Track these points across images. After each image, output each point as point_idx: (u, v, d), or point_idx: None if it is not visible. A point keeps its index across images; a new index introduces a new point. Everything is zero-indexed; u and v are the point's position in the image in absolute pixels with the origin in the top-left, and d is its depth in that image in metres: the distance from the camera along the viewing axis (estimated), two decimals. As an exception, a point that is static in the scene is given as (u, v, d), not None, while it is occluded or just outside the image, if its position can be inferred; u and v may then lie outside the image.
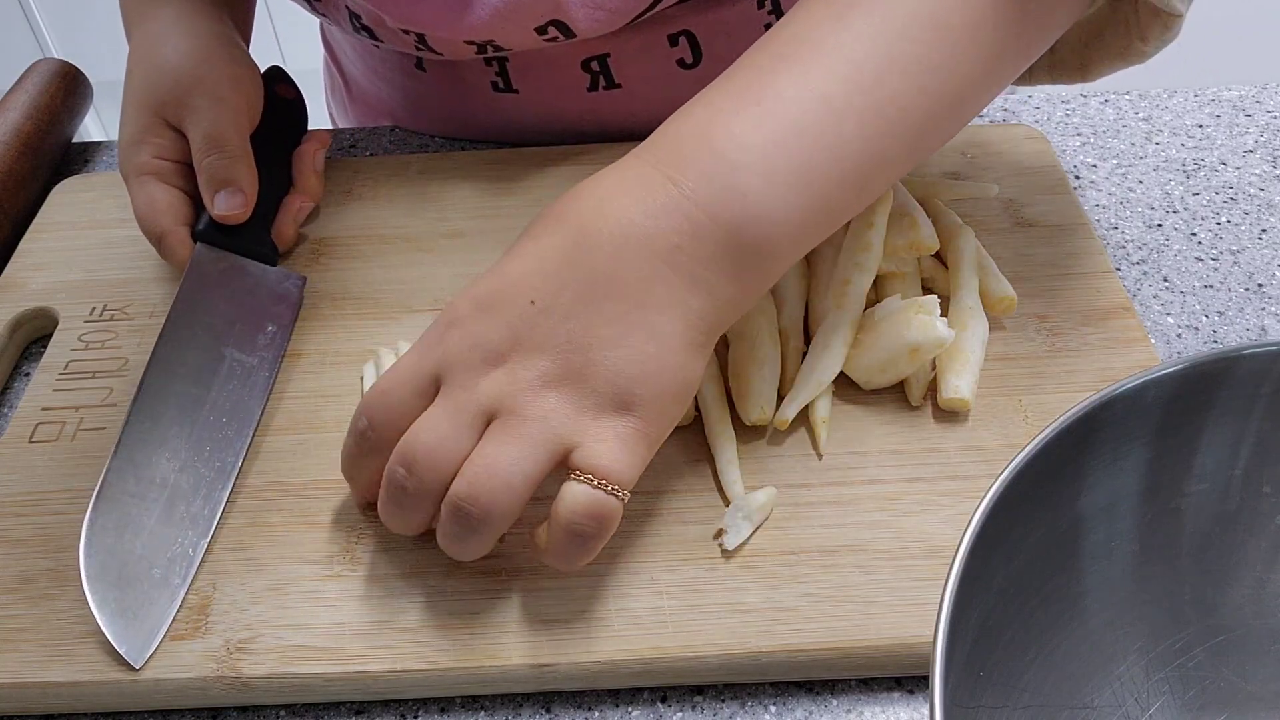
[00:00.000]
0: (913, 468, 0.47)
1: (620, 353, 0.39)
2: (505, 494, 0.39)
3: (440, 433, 0.40)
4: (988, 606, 0.34)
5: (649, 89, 0.64)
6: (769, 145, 0.41)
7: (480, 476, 0.39)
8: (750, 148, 0.41)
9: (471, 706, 0.43)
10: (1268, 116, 0.67)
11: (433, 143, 0.69)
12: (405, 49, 0.61)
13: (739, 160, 0.41)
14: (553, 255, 0.41)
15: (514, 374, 0.40)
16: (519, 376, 0.40)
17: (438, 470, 0.40)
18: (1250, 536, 0.39)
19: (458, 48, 0.59)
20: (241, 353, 0.52)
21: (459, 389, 0.40)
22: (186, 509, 0.46)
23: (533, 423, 0.39)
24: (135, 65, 0.57)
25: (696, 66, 0.63)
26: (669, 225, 0.40)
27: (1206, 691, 0.39)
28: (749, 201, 0.40)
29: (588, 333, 0.40)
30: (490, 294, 0.41)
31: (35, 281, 0.58)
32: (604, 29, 0.58)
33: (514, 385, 0.40)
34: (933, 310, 0.46)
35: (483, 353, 0.40)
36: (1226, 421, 0.38)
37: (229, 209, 0.54)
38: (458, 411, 0.40)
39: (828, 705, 0.42)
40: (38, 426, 0.51)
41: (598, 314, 0.40)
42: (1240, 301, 0.56)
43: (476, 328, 0.40)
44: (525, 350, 0.40)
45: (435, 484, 0.40)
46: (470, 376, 0.40)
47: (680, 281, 0.40)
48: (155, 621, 0.43)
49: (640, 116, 0.66)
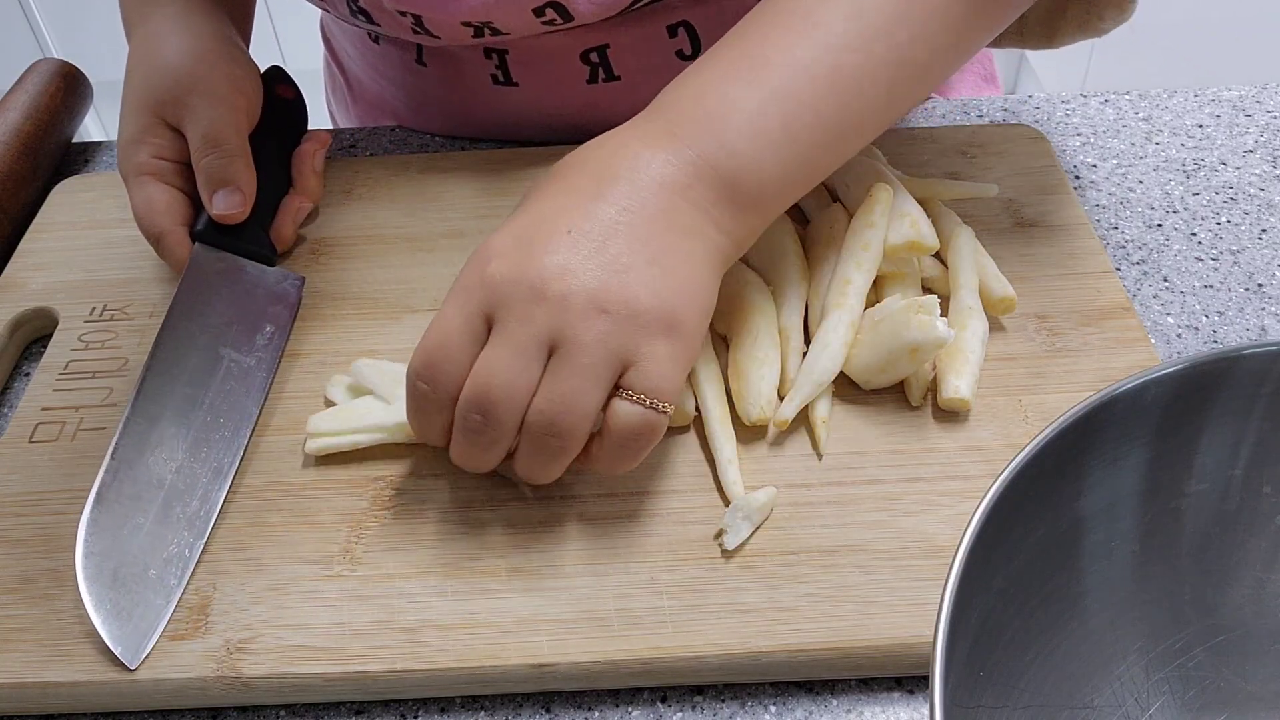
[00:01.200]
0: (913, 468, 0.47)
1: (657, 272, 0.42)
2: (583, 421, 0.41)
3: (509, 372, 0.41)
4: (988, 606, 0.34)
5: (648, 81, 0.64)
6: (756, 109, 0.45)
7: (557, 408, 0.41)
8: (740, 111, 0.45)
9: (471, 706, 0.43)
10: (1268, 116, 0.67)
11: (433, 142, 0.69)
12: (402, 34, 0.61)
13: (730, 122, 0.45)
14: (580, 191, 0.43)
15: (565, 302, 0.41)
16: (571, 304, 0.41)
17: (513, 408, 0.41)
18: (1250, 536, 0.39)
19: (454, 30, 0.59)
20: (239, 353, 0.52)
21: (515, 323, 0.41)
22: (183, 510, 0.46)
23: (592, 348, 0.41)
24: (135, 65, 0.57)
25: (696, 58, 0.63)
26: (678, 169, 0.44)
27: (1206, 691, 0.39)
28: (739, 157, 0.44)
29: (627, 254, 0.42)
30: (526, 229, 0.43)
31: (35, 281, 0.58)
32: (602, 13, 0.58)
33: (568, 313, 0.41)
34: (933, 310, 0.46)
35: (530, 284, 0.41)
36: (1226, 421, 0.38)
37: (227, 208, 0.54)
38: (520, 347, 0.41)
39: (828, 705, 0.42)
40: (38, 426, 0.51)
41: (632, 237, 0.42)
42: (1240, 301, 0.56)
43: (519, 260, 0.42)
44: (571, 276, 0.41)
45: (512, 421, 0.42)
46: (524, 308, 0.41)
47: (696, 213, 0.44)
48: (151, 622, 0.43)
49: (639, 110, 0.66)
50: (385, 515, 0.46)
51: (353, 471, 0.48)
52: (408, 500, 0.47)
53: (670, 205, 0.43)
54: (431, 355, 0.42)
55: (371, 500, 0.47)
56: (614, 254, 0.42)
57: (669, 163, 0.44)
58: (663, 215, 0.43)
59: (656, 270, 0.42)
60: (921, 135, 0.63)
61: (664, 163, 0.44)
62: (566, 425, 0.41)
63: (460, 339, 0.42)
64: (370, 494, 0.47)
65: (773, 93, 0.45)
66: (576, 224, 0.42)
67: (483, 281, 0.42)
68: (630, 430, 0.42)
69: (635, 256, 0.42)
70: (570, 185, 0.44)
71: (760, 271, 0.53)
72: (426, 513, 0.46)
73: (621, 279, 0.41)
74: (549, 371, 0.41)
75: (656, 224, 0.43)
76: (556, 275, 0.41)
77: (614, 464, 0.43)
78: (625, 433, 0.42)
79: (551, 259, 0.42)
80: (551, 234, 0.42)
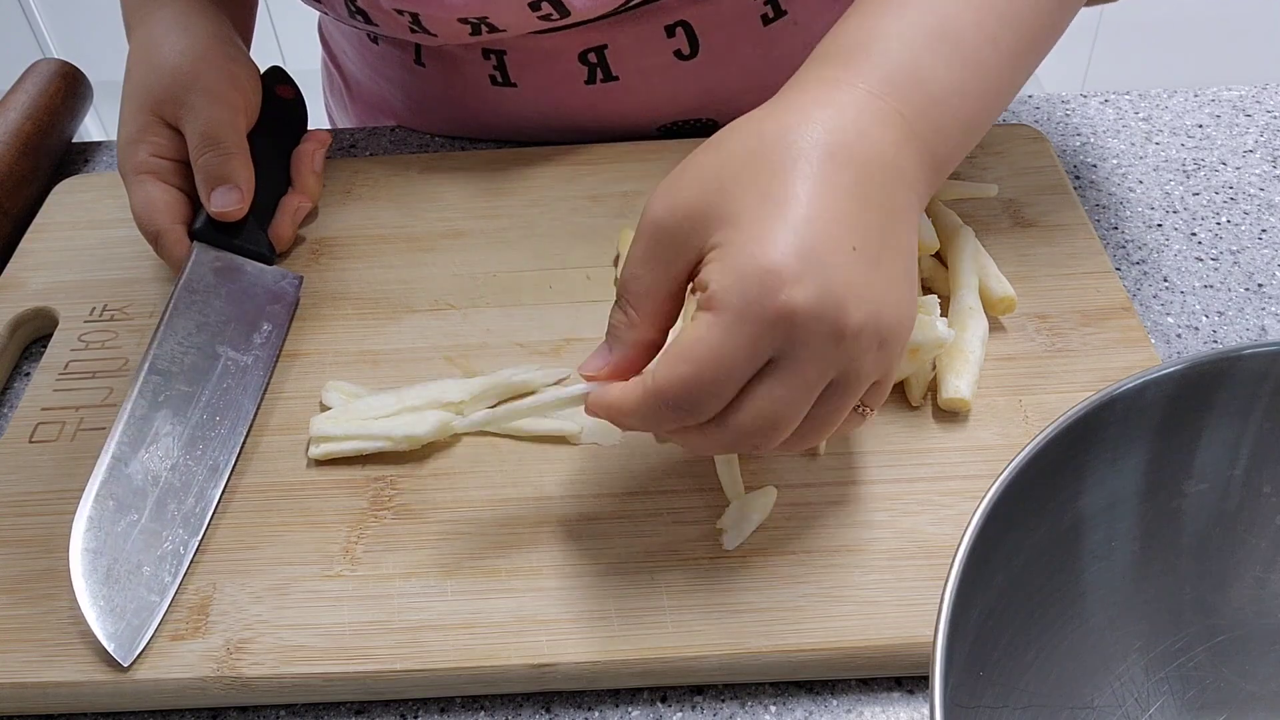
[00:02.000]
0: (913, 468, 0.47)
1: (906, 289, 0.40)
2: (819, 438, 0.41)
3: (796, 409, 0.38)
4: (988, 606, 0.34)
5: (646, 81, 0.64)
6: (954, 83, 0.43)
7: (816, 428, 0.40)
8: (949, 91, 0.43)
9: (471, 706, 0.43)
10: (1268, 116, 0.67)
11: (433, 142, 0.69)
12: (400, 33, 0.61)
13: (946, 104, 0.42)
14: (846, 192, 0.39)
15: (859, 342, 0.38)
16: (863, 343, 0.38)
17: (783, 435, 0.39)
18: (1250, 536, 0.39)
19: (451, 26, 0.59)
20: (237, 351, 0.52)
21: (810, 363, 0.38)
22: (178, 507, 0.46)
23: (865, 379, 0.39)
24: (134, 65, 0.57)
25: (694, 58, 0.63)
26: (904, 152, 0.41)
27: (1206, 691, 0.39)
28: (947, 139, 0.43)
29: (893, 275, 0.39)
30: (811, 243, 0.38)
31: (35, 281, 0.58)
32: (598, 9, 0.58)
33: (860, 353, 0.38)
34: (933, 310, 0.46)
35: (833, 320, 0.37)
36: (1226, 421, 0.38)
37: (225, 205, 0.54)
38: (811, 387, 0.38)
39: (828, 705, 0.42)
40: (38, 426, 0.51)
41: (896, 250, 0.40)
42: (1240, 301, 0.56)
43: (819, 289, 0.37)
44: (864, 309, 0.38)
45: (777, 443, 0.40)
46: (822, 348, 0.38)
47: (913, 198, 0.41)
48: (145, 620, 0.43)
49: (638, 110, 0.66)
50: (385, 515, 0.46)
51: (353, 471, 0.48)
52: (408, 500, 0.47)
53: (906, 203, 0.41)
54: (704, 385, 0.38)
55: (371, 500, 0.47)
56: (886, 275, 0.39)
57: (899, 147, 0.40)
58: (903, 214, 0.40)
59: (906, 287, 0.40)
60: (921, 135, 0.63)
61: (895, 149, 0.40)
62: (811, 438, 0.40)
63: (741, 373, 0.38)
64: (370, 494, 0.47)
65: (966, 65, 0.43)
66: (858, 239, 0.38)
67: (780, 313, 0.37)
68: (841, 430, 0.41)
69: (897, 272, 0.39)
70: (834, 182, 0.39)
71: (760, 271, 0.53)
72: (426, 513, 0.46)
73: (894, 310, 0.39)
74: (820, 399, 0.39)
75: (901, 225, 0.40)
76: (854, 307, 0.37)
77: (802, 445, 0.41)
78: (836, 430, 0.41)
79: (848, 290, 0.37)
80: (839, 251, 0.38)
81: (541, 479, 0.47)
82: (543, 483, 0.47)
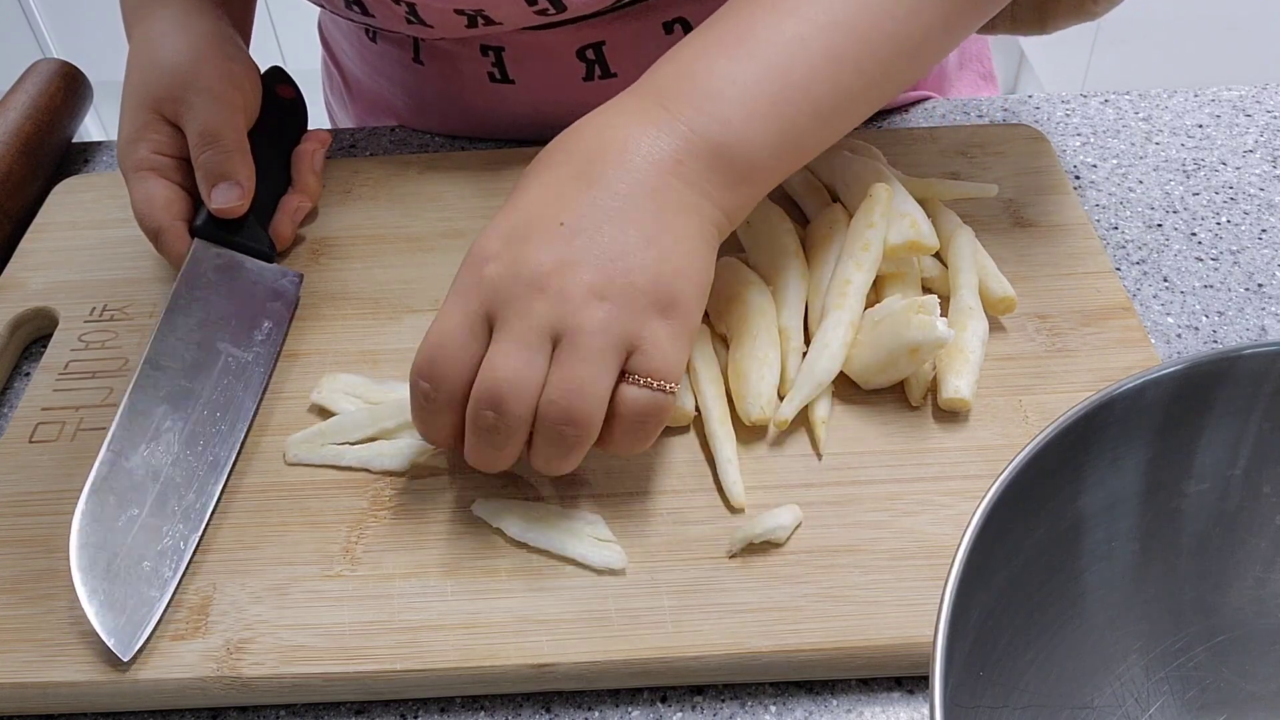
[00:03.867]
0: (913, 468, 0.47)
1: (653, 253, 0.42)
2: (596, 408, 0.42)
3: (516, 365, 0.41)
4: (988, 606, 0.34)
5: None
6: (748, 82, 0.45)
7: (569, 398, 0.41)
8: (731, 84, 0.45)
9: (471, 706, 0.43)
10: (1268, 116, 0.67)
11: (433, 142, 0.69)
12: (397, 26, 0.61)
13: (722, 95, 0.45)
14: (568, 181, 0.44)
15: (564, 293, 0.41)
16: (570, 294, 0.41)
17: (524, 402, 0.41)
18: (1250, 536, 0.39)
19: (448, 18, 0.59)
20: (237, 348, 0.52)
21: (516, 318, 0.42)
22: (178, 503, 0.46)
23: (596, 335, 0.41)
24: (134, 64, 0.57)
25: None
26: (669, 144, 0.44)
27: (1206, 691, 0.39)
28: (731, 129, 0.45)
29: (620, 240, 0.42)
30: (517, 226, 0.43)
31: (35, 281, 0.58)
32: (595, 4, 0.58)
33: (567, 304, 0.41)
34: (933, 310, 0.46)
35: (527, 279, 0.42)
36: (1226, 421, 0.38)
37: (226, 202, 0.54)
38: (524, 340, 0.41)
39: (828, 705, 0.42)
40: (38, 426, 0.51)
41: (626, 221, 0.43)
42: (1240, 301, 0.56)
43: (515, 257, 0.42)
44: (568, 268, 0.42)
45: (525, 415, 0.42)
46: (523, 304, 0.42)
47: (688, 188, 0.44)
48: (145, 615, 0.43)
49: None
50: (385, 515, 0.46)
51: (353, 472, 0.48)
52: (408, 500, 0.47)
53: (662, 183, 0.43)
54: (433, 355, 0.42)
55: (371, 500, 0.47)
56: (608, 241, 0.42)
57: (659, 139, 0.44)
58: (655, 194, 0.43)
59: (653, 252, 0.42)
60: (921, 135, 0.63)
61: (654, 139, 0.44)
62: (580, 413, 0.41)
63: (462, 337, 0.42)
64: (370, 494, 0.47)
65: (763, 66, 0.45)
66: (569, 216, 0.43)
67: (480, 282, 0.42)
68: (639, 413, 0.42)
69: (630, 241, 0.42)
70: (560, 175, 0.44)
71: (760, 271, 0.53)
72: (426, 513, 0.46)
73: (618, 265, 0.42)
74: (556, 362, 0.41)
75: (649, 204, 0.43)
76: (554, 269, 0.42)
77: (625, 445, 0.43)
78: (635, 416, 0.42)
79: (547, 254, 0.42)
80: (545, 228, 0.42)
81: (541, 479, 0.47)
82: (543, 483, 0.47)
